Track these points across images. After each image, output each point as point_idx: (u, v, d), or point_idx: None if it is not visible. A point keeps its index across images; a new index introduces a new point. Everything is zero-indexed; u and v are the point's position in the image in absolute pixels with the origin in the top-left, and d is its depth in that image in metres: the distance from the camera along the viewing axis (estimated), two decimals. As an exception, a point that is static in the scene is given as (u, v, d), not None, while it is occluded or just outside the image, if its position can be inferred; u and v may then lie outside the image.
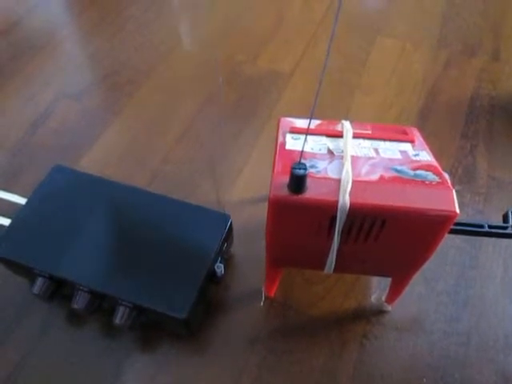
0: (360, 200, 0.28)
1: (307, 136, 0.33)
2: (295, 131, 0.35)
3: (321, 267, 0.34)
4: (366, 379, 0.38)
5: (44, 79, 0.60)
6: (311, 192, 0.28)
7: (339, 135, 0.34)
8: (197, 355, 0.39)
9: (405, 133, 0.36)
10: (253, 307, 0.41)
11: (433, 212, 0.28)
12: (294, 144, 0.33)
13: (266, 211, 0.30)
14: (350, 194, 0.28)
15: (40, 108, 0.57)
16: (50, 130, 0.55)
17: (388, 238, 0.30)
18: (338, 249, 0.31)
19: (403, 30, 0.67)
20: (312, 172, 0.29)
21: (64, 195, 0.40)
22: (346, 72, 0.61)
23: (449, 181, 0.29)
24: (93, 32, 0.66)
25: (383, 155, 0.32)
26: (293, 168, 0.27)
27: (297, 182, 0.27)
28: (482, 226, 0.34)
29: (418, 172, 0.30)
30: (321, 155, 0.32)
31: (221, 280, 0.38)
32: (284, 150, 0.33)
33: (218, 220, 0.39)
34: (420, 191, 0.28)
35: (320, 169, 0.30)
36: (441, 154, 0.47)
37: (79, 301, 0.36)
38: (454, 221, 0.28)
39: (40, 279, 0.36)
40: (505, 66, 0.62)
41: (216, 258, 0.38)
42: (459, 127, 0.55)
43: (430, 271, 0.43)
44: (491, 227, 0.34)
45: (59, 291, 0.37)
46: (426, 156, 0.33)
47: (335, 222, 0.28)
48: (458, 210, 0.27)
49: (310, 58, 0.63)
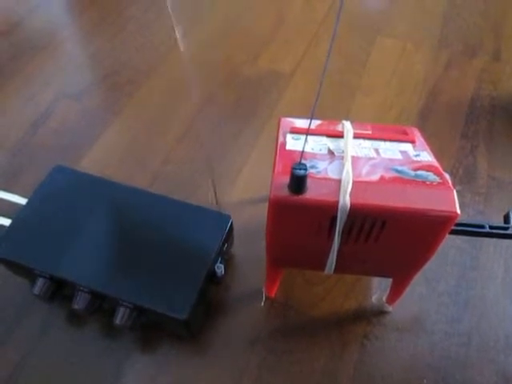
0: (360, 200, 0.28)
1: (308, 136, 0.33)
2: (296, 131, 0.35)
3: (321, 268, 0.34)
4: (367, 380, 0.38)
5: (44, 79, 0.60)
6: (311, 192, 0.28)
7: (340, 135, 0.34)
8: (197, 356, 0.39)
9: (405, 133, 0.36)
10: (253, 308, 0.41)
11: (433, 213, 0.27)
12: (295, 144, 0.33)
13: (267, 211, 0.30)
14: (351, 195, 0.28)
15: (40, 108, 0.57)
16: (51, 130, 0.55)
17: (389, 239, 0.30)
18: (339, 249, 0.31)
19: (404, 30, 0.67)
20: (312, 172, 0.29)
21: (64, 195, 0.40)
22: (347, 72, 0.61)
23: (450, 181, 0.29)
24: (93, 32, 0.66)
25: (384, 155, 0.32)
26: (293, 168, 0.27)
27: (297, 183, 0.27)
28: (483, 227, 0.34)
29: (419, 172, 0.30)
30: (321, 155, 0.32)
31: (221, 280, 0.38)
32: (284, 151, 0.33)
33: (219, 220, 0.39)
34: (421, 192, 0.28)
35: (320, 169, 0.30)
36: (441, 155, 0.47)
37: (79, 301, 0.36)
38: (455, 221, 0.28)
39: (40, 280, 0.36)
40: (505, 67, 0.62)
41: (216, 259, 0.38)
42: (460, 127, 0.55)
43: (431, 272, 0.43)
44: (492, 228, 0.34)
45: (59, 292, 0.37)
46: (427, 156, 0.33)
47: (335, 223, 0.28)
48: (459, 211, 0.27)
49: (311, 58, 0.63)
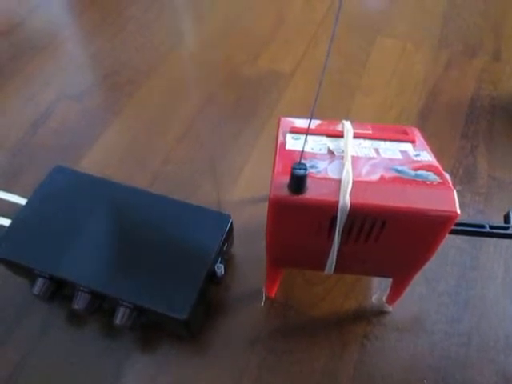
0: (360, 200, 0.28)
1: (307, 136, 0.33)
2: (295, 131, 0.35)
3: (321, 268, 0.34)
4: (367, 380, 0.38)
5: (44, 79, 0.60)
6: (311, 192, 0.28)
7: (340, 135, 0.34)
8: (197, 356, 0.39)
9: (405, 133, 0.36)
10: (253, 307, 0.41)
11: (434, 212, 0.27)
12: (295, 144, 0.33)
13: (267, 211, 0.30)
14: (351, 195, 0.27)
15: (40, 108, 0.57)
16: (51, 130, 0.55)
17: (389, 239, 0.30)
18: (339, 249, 0.31)
19: (404, 30, 0.67)
20: (312, 172, 0.29)
21: (64, 196, 0.40)
22: (347, 72, 0.61)
23: (450, 181, 0.29)
24: (94, 32, 0.66)
25: (384, 155, 0.32)
26: (293, 168, 0.27)
27: (297, 183, 0.27)
28: (483, 227, 0.34)
29: (419, 172, 0.30)
30: (321, 155, 0.32)
31: (221, 280, 0.38)
32: (284, 150, 0.32)
33: (219, 220, 0.39)
34: (421, 191, 0.28)
35: (320, 169, 0.30)
36: (441, 155, 0.47)
37: (79, 301, 0.35)
38: (455, 221, 0.28)
39: (40, 280, 0.36)
40: (505, 67, 0.62)
41: (216, 259, 0.38)
42: (460, 127, 0.55)
43: (431, 271, 0.43)
44: (492, 227, 0.34)
45: (59, 292, 0.37)
46: (427, 156, 0.33)
47: (335, 223, 0.28)
48: (459, 211, 0.27)
49: (311, 58, 0.63)
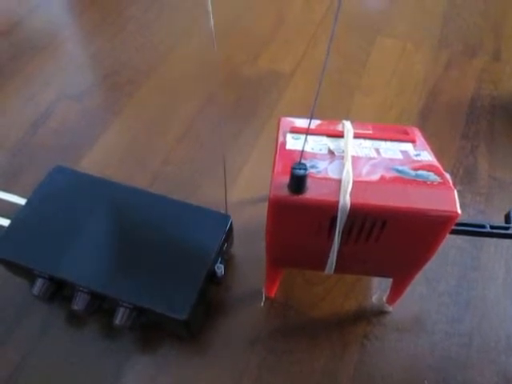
0: (361, 200, 0.27)
1: (307, 136, 0.33)
2: (295, 131, 0.35)
3: (321, 268, 0.34)
4: (367, 380, 0.37)
5: (44, 79, 0.60)
6: (311, 192, 0.28)
7: (340, 135, 0.34)
8: (197, 356, 0.38)
9: (406, 133, 0.36)
10: (253, 308, 0.41)
11: (434, 212, 0.27)
12: (295, 144, 0.33)
13: (266, 211, 0.30)
14: (351, 195, 0.27)
15: (40, 108, 0.57)
16: (51, 130, 0.54)
17: (389, 239, 0.29)
18: (339, 249, 0.31)
19: (404, 30, 0.67)
20: (312, 172, 0.29)
21: (64, 196, 0.40)
22: (346, 72, 0.61)
23: (450, 181, 0.29)
24: (94, 32, 0.66)
25: (384, 155, 0.32)
26: (293, 168, 0.27)
27: (297, 183, 0.27)
28: (484, 227, 0.34)
29: (420, 172, 0.30)
30: (321, 155, 0.32)
31: (221, 280, 0.38)
32: (284, 150, 0.32)
33: (219, 220, 0.39)
34: (421, 191, 0.28)
35: (320, 169, 0.30)
36: (441, 155, 0.47)
37: (79, 302, 0.35)
38: (456, 221, 0.28)
39: (40, 280, 0.36)
40: (506, 66, 0.62)
41: (216, 259, 0.37)
42: (460, 127, 0.55)
43: (432, 272, 0.43)
44: (493, 227, 0.34)
45: (59, 292, 0.37)
46: (428, 156, 0.33)
47: (336, 223, 0.28)
48: (460, 211, 0.27)
49: (311, 58, 0.63)
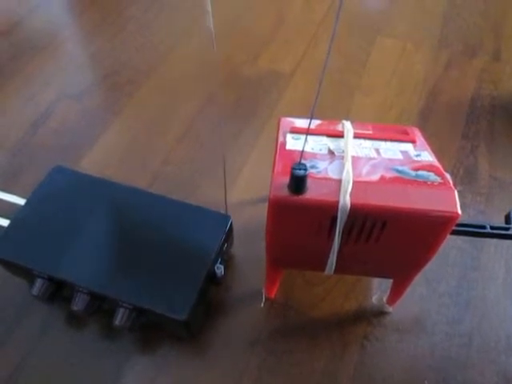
0: (361, 201, 0.27)
1: (308, 136, 0.33)
2: (295, 131, 0.35)
3: (321, 268, 0.34)
4: (367, 381, 0.37)
5: (44, 79, 0.60)
6: (312, 192, 0.28)
7: (340, 135, 0.34)
8: (197, 357, 0.38)
9: (406, 133, 0.36)
10: (253, 308, 0.41)
11: (434, 213, 0.27)
12: (295, 144, 0.33)
13: (266, 212, 0.29)
14: (351, 195, 0.27)
15: (40, 108, 0.57)
16: (51, 130, 0.54)
17: (389, 239, 0.29)
18: (339, 250, 0.31)
19: (404, 30, 0.66)
20: (312, 172, 0.29)
21: (63, 196, 0.40)
22: (347, 72, 0.61)
23: (451, 182, 0.29)
24: (94, 32, 0.66)
25: (384, 155, 0.32)
26: (293, 168, 0.27)
27: (297, 183, 0.27)
28: (484, 227, 0.34)
29: (420, 172, 0.30)
30: (321, 155, 0.32)
31: (221, 281, 0.38)
32: (284, 150, 0.32)
33: (219, 220, 0.39)
34: (421, 192, 0.28)
35: (320, 169, 0.30)
36: (442, 155, 0.47)
37: (78, 302, 0.35)
38: (456, 222, 0.28)
39: (39, 280, 0.36)
40: (506, 67, 0.62)
41: (216, 259, 0.37)
42: (460, 127, 0.55)
43: (432, 272, 0.43)
44: (493, 228, 0.34)
45: (59, 293, 0.37)
46: (428, 156, 0.32)
47: (336, 223, 0.28)
48: (460, 211, 0.27)
49: (311, 58, 0.63)
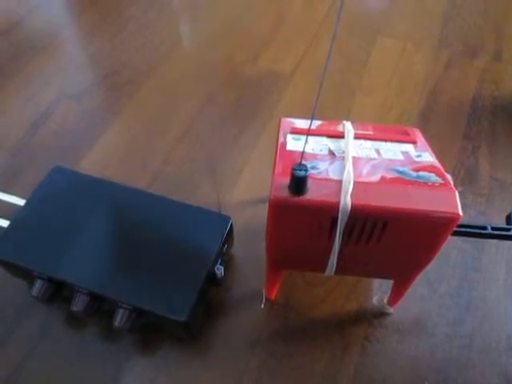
0: (362, 201, 0.27)
1: (308, 137, 0.33)
2: (296, 132, 0.35)
3: (322, 269, 0.34)
4: (368, 381, 0.37)
5: (44, 79, 0.60)
6: (312, 193, 0.28)
7: (340, 136, 0.34)
8: (197, 358, 0.38)
9: (406, 133, 0.36)
10: (253, 309, 0.41)
11: (435, 214, 0.27)
12: (295, 145, 0.33)
13: (267, 212, 0.29)
14: (352, 196, 0.27)
15: (40, 108, 0.56)
16: (50, 131, 0.54)
17: (390, 240, 0.29)
18: (339, 251, 0.31)
19: (404, 30, 0.66)
20: (313, 173, 0.29)
21: (63, 196, 0.40)
22: (347, 73, 0.61)
23: (452, 182, 0.29)
24: (93, 32, 0.66)
25: (385, 156, 0.32)
26: (293, 169, 0.27)
27: (297, 183, 0.27)
28: (485, 228, 0.34)
29: (421, 173, 0.30)
30: (322, 156, 0.32)
31: (221, 282, 0.38)
32: (285, 151, 0.32)
33: (219, 221, 0.39)
34: (422, 193, 0.28)
35: (321, 170, 0.30)
36: (442, 156, 0.46)
37: (78, 303, 0.35)
38: (457, 223, 0.28)
39: (39, 281, 0.36)
40: (507, 67, 0.62)
41: (216, 260, 0.37)
42: (461, 128, 0.55)
43: (433, 273, 0.43)
44: (494, 229, 0.34)
45: (58, 293, 0.37)
46: (429, 157, 0.32)
47: (336, 224, 0.28)
48: (461, 212, 0.27)
49: (311, 59, 0.63)
